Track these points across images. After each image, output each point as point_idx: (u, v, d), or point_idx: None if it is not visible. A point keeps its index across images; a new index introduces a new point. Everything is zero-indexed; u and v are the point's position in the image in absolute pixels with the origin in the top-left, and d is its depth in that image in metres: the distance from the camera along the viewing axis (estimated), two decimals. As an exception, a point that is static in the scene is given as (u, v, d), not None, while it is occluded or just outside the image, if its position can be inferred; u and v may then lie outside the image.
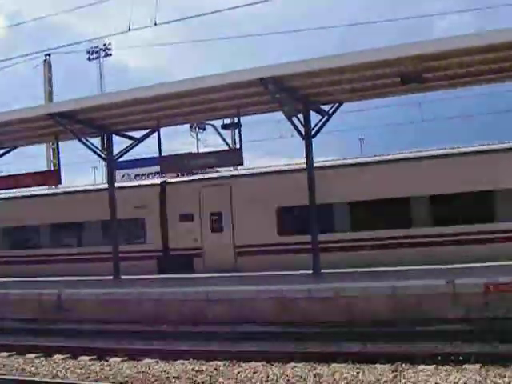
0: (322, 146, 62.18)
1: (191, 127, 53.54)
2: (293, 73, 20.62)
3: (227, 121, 40.39)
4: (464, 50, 18.86)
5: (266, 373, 13.04)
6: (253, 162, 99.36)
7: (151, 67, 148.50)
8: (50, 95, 50.90)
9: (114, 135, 27.81)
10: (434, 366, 12.56)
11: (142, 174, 40.08)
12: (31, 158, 53.09)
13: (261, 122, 36.47)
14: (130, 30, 28.50)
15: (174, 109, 24.67)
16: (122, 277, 26.44)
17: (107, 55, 61.54)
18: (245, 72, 21.04)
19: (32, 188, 30.91)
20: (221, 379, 12.87)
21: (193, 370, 13.76)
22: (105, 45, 60.68)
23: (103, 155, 26.97)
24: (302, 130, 22.97)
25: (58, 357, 16.32)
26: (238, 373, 13.22)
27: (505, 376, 11.42)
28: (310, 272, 22.96)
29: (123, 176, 40.76)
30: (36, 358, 16.43)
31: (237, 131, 24.61)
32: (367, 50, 19.64)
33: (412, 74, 20.27)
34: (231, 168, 29.93)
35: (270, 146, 78.80)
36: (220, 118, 25.32)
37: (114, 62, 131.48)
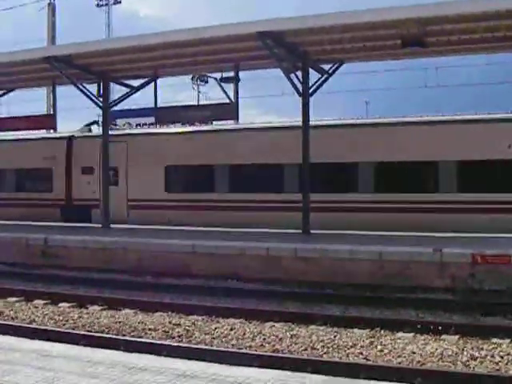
0: (327, 105, 61.86)
1: (193, 79, 53.03)
2: (292, 28, 20.25)
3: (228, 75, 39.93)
4: (467, 15, 18.54)
5: (243, 330, 12.94)
6: (257, 118, 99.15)
7: (162, 17, 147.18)
8: (53, 39, 50.26)
9: (111, 83, 27.62)
10: (413, 334, 12.45)
11: (144, 124, 39.78)
12: (34, 101, 52.79)
13: (267, 78, 35.84)
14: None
15: (172, 59, 24.29)
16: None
17: (117, 2, 60.69)
18: (243, 25, 20.67)
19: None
20: (197, 334, 12.76)
21: (170, 322, 13.66)
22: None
23: (99, 102, 26.66)
24: (301, 87, 22.64)
25: (37, 302, 16.29)
26: (216, 328, 13.11)
27: (482, 349, 11.29)
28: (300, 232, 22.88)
29: (124, 124, 40.47)
30: (17, 301, 16.37)
31: (236, 86, 24.17)
32: (368, 10, 19.24)
33: (413, 37, 19.96)
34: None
35: (275, 102, 77.88)
36: (218, 71, 25.03)
37: (123, 9, 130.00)
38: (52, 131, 32.28)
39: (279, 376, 7.88)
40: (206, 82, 54.20)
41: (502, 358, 10.72)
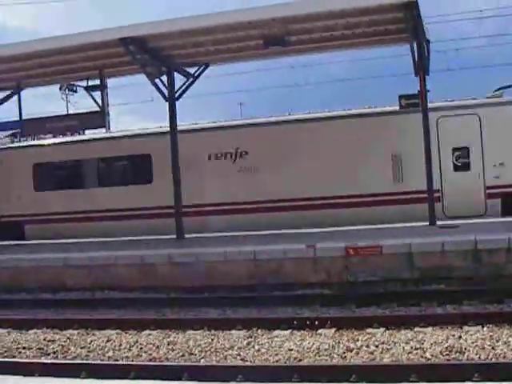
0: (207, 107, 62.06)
1: (61, 89, 51.93)
2: (154, 33, 20.03)
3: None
4: (327, 13, 18.82)
5: (119, 341, 12.73)
6: (133, 124, 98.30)
7: (33, 28, 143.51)
8: None
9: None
10: (290, 331, 12.51)
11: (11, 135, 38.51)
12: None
13: (141, 84, 35.38)
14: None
15: (36, 69, 23.64)
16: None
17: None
18: (106, 31, 20.29)
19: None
20: (73, 348, 12.48)
21: (45, 339, 13.30)
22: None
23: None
24: (166, 92, 22.49)
25: None
26: (91, 341, 12.85)
27: (358, 340, 11.44)
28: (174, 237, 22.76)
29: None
30: None
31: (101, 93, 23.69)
32: (230, 12, 19.32)
33: (274, 36, 20.11)
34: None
35: (151, 108, 77.59)
36: (83, 80, 24.49)
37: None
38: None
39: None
40: (75, 91, 53.10)
41: (376, 347, 10.91)
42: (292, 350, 11.12)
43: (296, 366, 10.05)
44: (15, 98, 25.90)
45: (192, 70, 23.37)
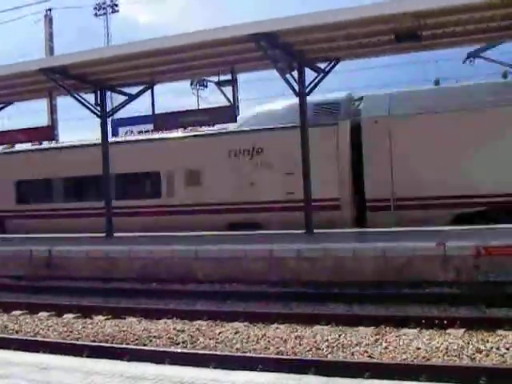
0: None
1: (192, 84, 52.89)
2: (286, 28, 20.10)
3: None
4: (461, 7, 18.45)
5: (247, 333, 12.85)
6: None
7: (161, 23, 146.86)
8: (51, 50, 50.24)
9: (108, 91, 27.65)
10: (418, 329, 12.37)
11: (146, 131, 39.86)
12: (35, 112, 52.95)
13: (271, 79, 35.63)
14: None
15: (168, 65, 24.21)
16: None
17: (114, 11, 60.84)
18: (237, 27, 20.53)
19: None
20: (201, 339, 12.68)
21: (174, 329, 13.58)
22: (112, 0, 60.07)
23: (97, 111, 26.62)
24: (297, 87, 22.56)
25: (42, 314, 16.23)
26: (220, 333, 13.04)
27: (488, 341, 11.21)
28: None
29: (126, 133, 40.53)
30: (21, 315, 16.34)
31: (232, 88, 23.99)
32: (362, 6, 19.18)
33: (407, 31, 19.86)
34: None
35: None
36: (215, 75, 24.83)
37: (122, 18, 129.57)
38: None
39: (278, 378, 7.77)
40: (206, 86, 54.02)
41: (507, 349, 10.63)
42: (420, 348, 10.98)
43: (424, 366, 9.89)
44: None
45: (323, 66, 23.35)
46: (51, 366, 8.71)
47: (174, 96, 61.14)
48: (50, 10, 49.55)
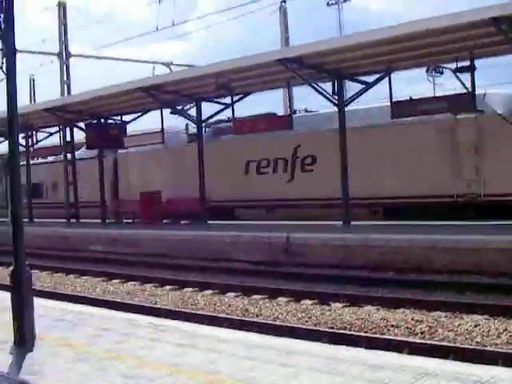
0: None
1: (427, 71, 52.01)
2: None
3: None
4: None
5: (487, 327, 12.53)
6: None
7: (391, 10, 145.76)
8: (286, 41, 51.12)
9: (346, 80, 27.83)
10: None
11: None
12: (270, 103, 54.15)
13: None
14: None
15: (405, 52, 23.94)
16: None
17: (346, 0, 60.86)
18: (476, 12, 19.89)
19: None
20: (440, 330, 12.52)
21: (412, 319, 13.49)
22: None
23: (334, 100, 26.84)
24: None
25: (281, 299, 16.66)
26: (459, 325, 12.80)
27: None
28: None
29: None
30: (261, 299, 16.85)
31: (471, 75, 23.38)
32: None
33: None
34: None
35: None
36: (452, 61, 24.29)
37: (353, 5, 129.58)
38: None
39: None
40: (441, 73, 52.85)
41: None
42: None
43: None
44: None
45: None
46: (295, 350, 8.95)
47: (404, 83, 60.11)
48: (284, 1, 50.15)
